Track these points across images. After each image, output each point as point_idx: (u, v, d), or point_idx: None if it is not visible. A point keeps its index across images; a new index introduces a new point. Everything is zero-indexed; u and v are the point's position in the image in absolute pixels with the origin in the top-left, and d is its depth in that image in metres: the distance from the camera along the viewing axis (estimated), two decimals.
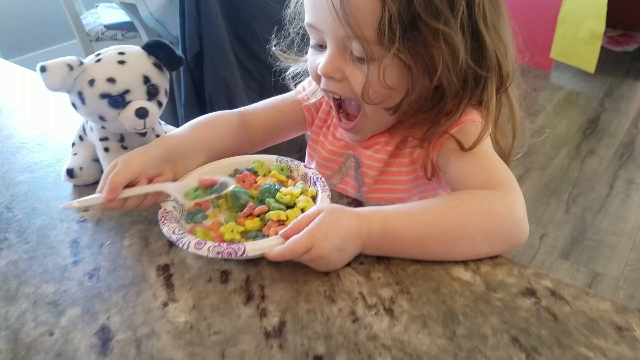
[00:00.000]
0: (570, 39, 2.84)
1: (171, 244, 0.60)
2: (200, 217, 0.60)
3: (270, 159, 0.66)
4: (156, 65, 0.63)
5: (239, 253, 0.51)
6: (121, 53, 0.62)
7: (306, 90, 0.79)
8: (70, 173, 0.69)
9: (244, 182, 0.62)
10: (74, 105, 0.62)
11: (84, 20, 2.31)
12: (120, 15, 2.38)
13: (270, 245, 0.52)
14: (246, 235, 0.56)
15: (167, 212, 0.57)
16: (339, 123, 0.70)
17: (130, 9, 2.00)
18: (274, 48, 0.76)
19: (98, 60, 0.61)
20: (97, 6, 2.55)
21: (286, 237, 0.52)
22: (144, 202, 0.60)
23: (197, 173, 0.64)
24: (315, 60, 0.64)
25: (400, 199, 0.72)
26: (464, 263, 0.55)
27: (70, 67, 0.59)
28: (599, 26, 2.64)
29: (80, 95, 0.60)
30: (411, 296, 0.51)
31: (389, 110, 0.63)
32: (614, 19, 2.63)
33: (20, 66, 1.12)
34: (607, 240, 1.82)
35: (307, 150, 0.83)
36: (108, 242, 0.61)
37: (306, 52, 0.69)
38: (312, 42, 0.65)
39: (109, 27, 2.27)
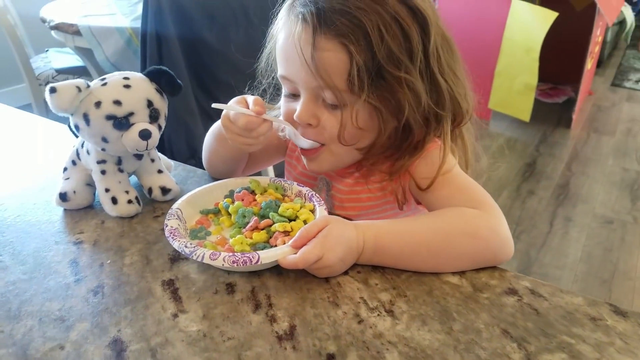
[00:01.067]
0: (507, 90, 3.09)
1: (173, 261, 0.61)
2: (203, 234, 0.63)
3: (264, 179, 0.70)
4: (157, 91, 0.67)
5: (254, 261, 0.54)
6: (126, 78, 0.65)
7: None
8: (63, 197, 0.70)
9: (243, 200, 0.66)
10: (76, 127, 0.64)
11: (34, 64, 2.29)
12: (71, 60, 2.38)
13: (283, 253, 0.55)
14: (254, 247, 0.59)
15: (175, 229, 0.59)
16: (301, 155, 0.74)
17: (85, 53, 2.01)
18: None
19: (104, 84, 0.64)
20: (47, 51, 2.54)
21: (296, 246, 0.56)
22: (267, 133, 0.68)
23: (190, 195, 0.67)
24: (290, 107, 0.68)
25: (369, 217, 0.76)
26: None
27: (79, 89, 0.61)
28: (532, 79, 2.90)
29: (86, 116, 0.63)
30: (408, 298, 0.56)
31: (361, 150, 0.68)
32: (544, 74, 2.90)
33: None
34: (551, 273, 1.95)
35: (285, 173, 0.88)
36: (109, 261, 0.62)
37: (278, 101, 0.75)
38: (285, 91, 0.70)
39: (60, 71, 2.26)
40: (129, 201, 0.69)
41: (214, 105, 0.65)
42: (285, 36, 0.65)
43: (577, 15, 3.22)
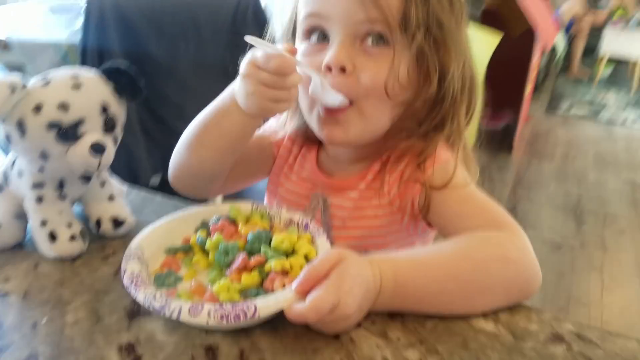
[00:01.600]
0: None
1: (131, 316, 0.47)
2: (172, 280, 0.49)
3: (245, 205, 0.58)
4: (114, 94, 0.53)
5: (249, 314, 0.41)
6: (75, 76, 0.51)
7: (274, 124, 0.73)
8: None
9: (222, 232, 0.53)
10: (7, 138, 0.49)
11: None
12: None
13: (286, 301, 0.43)
14: (244, 293, 0.46)
15: (137, 275, 0.46)
16: (321, 123, 0.62)
17: (15, 69, 1.81)
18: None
19: (46, 83, 0.49)
20: None
21: (302, 291, 0.43)
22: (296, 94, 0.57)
23: (152, 230, 0.53)
24: (314, 59, 0.58)
25: (374, 245, 0.66)
26: (482, 313, 0.50)
27: (12, 90, 0.47)
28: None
29: (20, 125, 0.48)
30: (441, 356, 0.45)
31: (394, 111, 0.60)
32: (484, 100, 2.95)
33: None
34: None
35: (266, 195, 0.75)
36: (44, 320, 0.46)
37: None
38: (306, 41, 0.60)
39: None
40: (72, 237, 0.55)
41: (247, 37, 0.53)
42: None
43: (513, 42, 3.33)
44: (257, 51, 0.53)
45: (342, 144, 0.64)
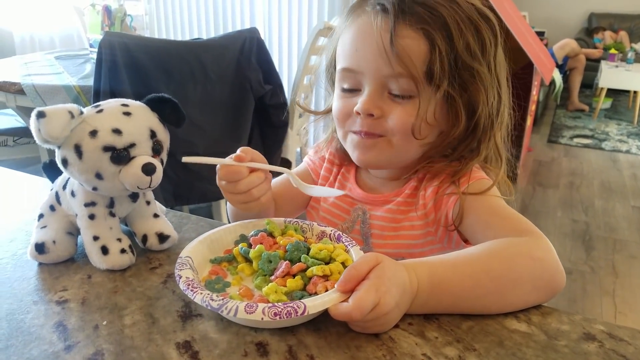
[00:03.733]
0: None
1: (184, 319, 0.50)
2: (222, 286, 0.52)
3: (279, 220, 0.62)
4: (160, 121, 0.58)
5: (300, 312, 0.44)
6: (125, 105, 0.56)
7: (315, 154, 0.80)
8: (39, 248, 0.57)
9: (262, 243, 0.56)
10: (64, 161, 0.53)
11: None
12: (9, 121, 2.22)
13: (331, 300, 0.46)
14: (290, 295, 0.49)
15: (192, 280, 0.49)
16: (354, 147, 0.68)
17: (28, 113, 1.88)
18: (300, 103, 0.81)
19: (100, 111, 0.54)
20: None
21: (345, 290, 0.47)
22: (261, 186, 0.62)
23: (198, 242, 0.57)
24: (348, 102, 0.66)
25: (410, 255, 0.69)
26: (515, 315, 0.53)
27: (71, 115, 0.51)
28: None
29: (78, 148, 0.52)
30: (479, 352, 0.47)
31: (425, 146, 0.65)
32: None
33: None
34: None
35: (306, 211, 0.81)
36: (104, 322, 0.49)
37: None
38: (341, 88, 0.67)
39: None
40: (122, 250, 0.58)
41: (184, 159, 0.58)
42: (357, 27, 0.64)
43: (512, 76, 3.42)
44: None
45: (374, 167, 0.70)
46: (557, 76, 4.61)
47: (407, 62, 0.59)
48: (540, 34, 4.92)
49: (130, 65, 1.53)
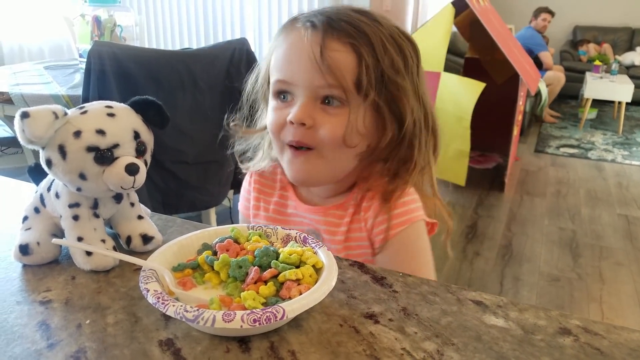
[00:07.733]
0: (442, 157, 3.18)
1: (168, 317, 0.51)
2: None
3: (243, 226, 0.61)
4: (144, 122, 0.59)
5: (279, 316, 0.45)
6: (109, 106, 0.56)
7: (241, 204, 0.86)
8: (24, 250, 0.57)
9: (227, 251, 0.56)
10: (48, 162, 0.54)
11: None
12: None
13: (308, 302, 0.47)
14: (265, 302, 0.50)
15: (160, 293, 0.48)
16: (288, 164, 0.71)
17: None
18: (231, 124, 0.83)
19: (84, 112, 0.55)
20: None
21: None
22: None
23: (163, 250, 0.56)
24: (281, 114, 0.69)
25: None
26: (492, 312, 0.54)
27: (55, 116, 0.52)
28: (465, 146, 3.03)
29: (62, 148, 0.53)
30: (457, 347, 0.48)
31: (357, 156, 0.69)
32: (472, 143, 3.03)
33: None
34: None
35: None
36: (87, 321, 0.50)
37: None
38: (274, 100, 0.71)
39: None
40: None
41: (53, 241, 0.57)
42: (290, 42, 0.68)
43: (498, 88, 3.46)
44: None
45: (309, 183, 0.74)
46: (543, 88, 4.68)
47: (337, 73, 0.64)
48: None
49: (119, 75, 1.54)
